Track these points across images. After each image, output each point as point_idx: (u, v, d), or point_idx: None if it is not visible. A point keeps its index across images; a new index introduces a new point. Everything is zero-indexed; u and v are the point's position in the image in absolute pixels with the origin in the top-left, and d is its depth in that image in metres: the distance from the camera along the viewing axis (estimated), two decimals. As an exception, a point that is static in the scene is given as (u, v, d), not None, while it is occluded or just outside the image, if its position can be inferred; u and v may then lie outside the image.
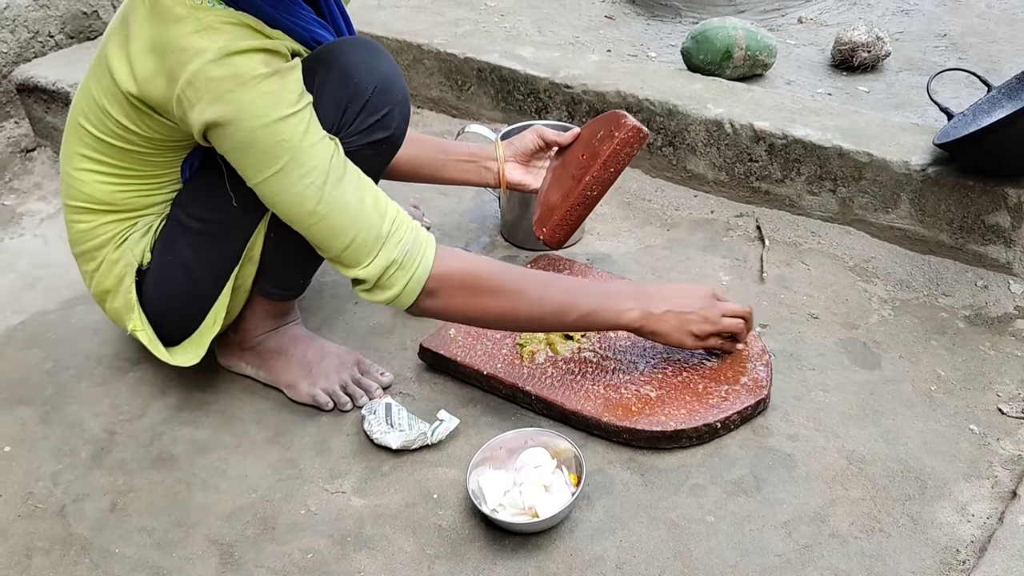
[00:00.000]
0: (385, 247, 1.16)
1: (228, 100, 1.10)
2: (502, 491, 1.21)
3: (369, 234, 1.16)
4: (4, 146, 2.24)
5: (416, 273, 1.18)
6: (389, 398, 1.38)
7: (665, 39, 2.30)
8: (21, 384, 1.49)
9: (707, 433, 1.29)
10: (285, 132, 1.11)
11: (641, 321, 1.28)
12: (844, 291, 1.60)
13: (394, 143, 1.27)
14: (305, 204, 1.14)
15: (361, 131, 1.22)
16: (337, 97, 1.20)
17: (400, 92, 1.25)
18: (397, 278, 1.17)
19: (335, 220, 1.15)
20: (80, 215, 1.33)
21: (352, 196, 1.16)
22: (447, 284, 1.20)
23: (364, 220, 1.16)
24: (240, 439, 1.37)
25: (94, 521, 1.25)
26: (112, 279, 1.35)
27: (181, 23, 1.10)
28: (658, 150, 1.92)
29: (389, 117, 1.23)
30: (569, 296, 1.26)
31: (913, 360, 1.45)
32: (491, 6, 2.51)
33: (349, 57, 1.21)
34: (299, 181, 1.13)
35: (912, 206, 1.64)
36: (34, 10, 2.33)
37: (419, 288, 1.19)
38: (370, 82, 1.21)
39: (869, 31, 2.03)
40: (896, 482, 1.24)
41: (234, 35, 1.11)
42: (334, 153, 1.16)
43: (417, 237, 1.19)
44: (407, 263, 1.17)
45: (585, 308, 1.26)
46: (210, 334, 1.34)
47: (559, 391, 1.34)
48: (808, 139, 1.71)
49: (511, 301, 1.23)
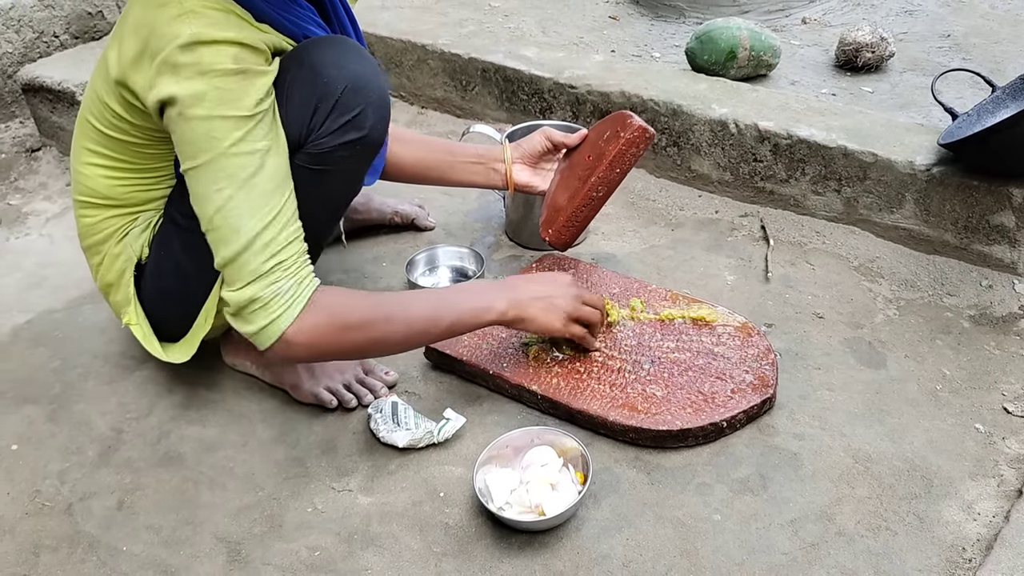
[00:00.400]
0: (255, 283, 1.12)
1: (184, 83, 1.08)
2: (509, 489, 1.21)
3: (246, 265, 1.12)
4: (9, 146, 2.24)
5: (278, 319, 1.13)
6: (395, 397, 1.38)
7: (669, 39, 2.31)
8: (28, 383, 1.49)
9: (713, 432, 1.29)
10: (219, 131, 1.09)
11: (510, 311, 1.28)
12: (849, 291, 1.60)
13: (369, 144, 1.24)
14: (207, 207, 1.12)
15: (332, 132, 1.20)
16: (306, 96, 1.18)
17: (375, 91, 1.21)
18: (257, 316, 1.13)
19: (223, 235, 1.12)
20: (86, 209, 1.35)
21: (250, 222, 1.11)
22: (309, 334, 1.15)
23: (248, 249, 1.11)
24: (247, 437, 1.37)
25: (101, 519, 1.25)
26: (114, 273, 1.36)
27: (165, 7, 1.10)
28: (662, 150, 1.93)
29: (362, 117, 1.20)
30: (436, 309, 1.25)
31: (918, 359, 1.45)
32: (495, 7, 2.52)
33: (320, 55, 1.19)
34: (211, 184, 1.11)
35: (917, 206, 1.64)
36: (39, 10, 2.33)
37: (275, 336, 1.14)
38: (340, 81, 1.18)
39: (873, 32, 2.03)
40: (902, 481, 1.24)
41: (212, 22, 1.09)
42: (260, 172, 1.11)
43: (298, 285, 1.15)
44: (273, 306, 1.13)
45: (452, 316, 1.25)
46: (201, 333, 1.34)
47: (565, 390, 1.35)
48: (813, 139, 1.71)
49: (379, 331, 1.20)
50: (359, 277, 1.70)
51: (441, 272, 1.71)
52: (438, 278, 1.70)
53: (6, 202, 2.05)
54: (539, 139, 1.59)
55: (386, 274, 1.71)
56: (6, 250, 1.87)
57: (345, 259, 1.75)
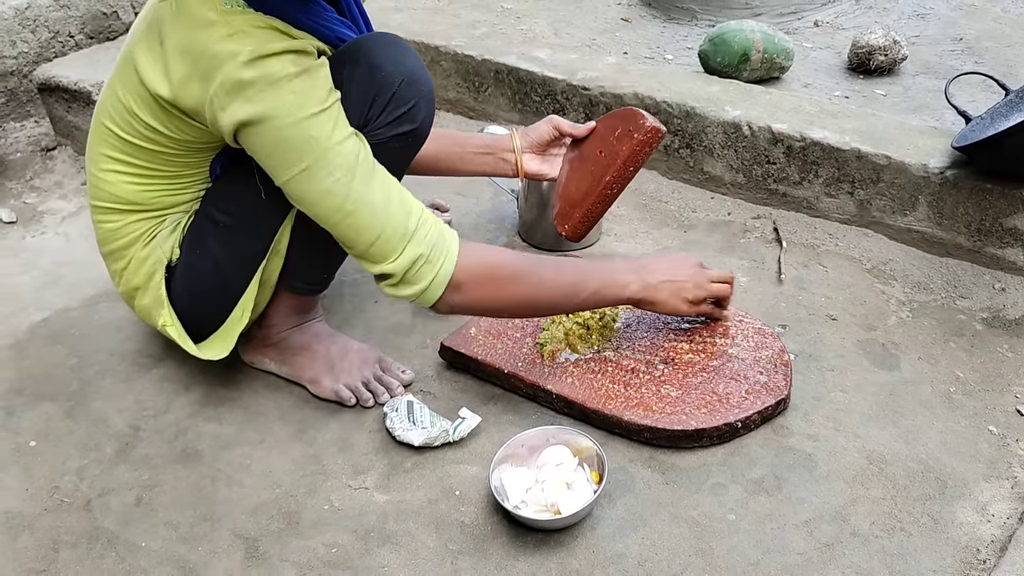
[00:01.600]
0: (412, 242, 1.18)
1: (258, 100, 1.12)
2: (524, 488, 1.22)
3: (396, 230, 1.17)
4: (25, 145, 2.26)
5: (443, 267, 1.20)
6: (411, 395, 1.39)
7: (681, 42, 2.31)
8: (45, 380, 1.51)
9: (728, 432, 1.29)
10: (314, 129, 1.13)
11: (642, 292, 1.33)
12: (862, 293, 1.61)
13: (419, 136, 1.29)
14: (332, 200, 1.16)
15: (388, 123, 1.24)
16: (365, 90, 1.22)
17: (426, 85, 1.27)
18: (424, 272, 1.19)
19: (362, 217, 1.17)
20: (107, 215, 1.35)
21: (379, 194, 1.17)
22: (473, 277, 1.22)
23: (390, 217, 1.17)
24: (264, 435, 1.38)
25: (120, 515, 1.26)
26: (141, 276, 1.37)
27: (213, 27, 1.12)
28: (675, 152, 1.93)
29: (415, 110, 1.25)
30: (579, 276, 1.30)
31: (932, 362, 1.45)
32: (507, 8, 2.52)
33: (376, 51, 1.24)
34: (326, 178, 1.15)
35: (930, 209, 1.65)
36: (55, 10, 2.35)
37: (445, 282, 1.20)
38: (397, 75, 1.23)
39: (886, 35, 2.04)
40: (916, 482, 1.25)
41: (263, 38, 1.13)
42: (360, 151, 1.18)
43: (442, 233, 1.21)
44: (434, 258, 1.19)
45: (593, 286, 1.30)
46: (238, 328, 1.36)
47: (580, 390, 1.35)
48: (826, 141, 1.72)
49: (531, 286, 1.26)
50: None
51: None
52: None
53: (22, 201, 2.06)
54: (546, 127, 1.61)
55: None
56: (22, 248, 1.89)
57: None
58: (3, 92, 2.30)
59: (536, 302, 1.29)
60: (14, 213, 2.00)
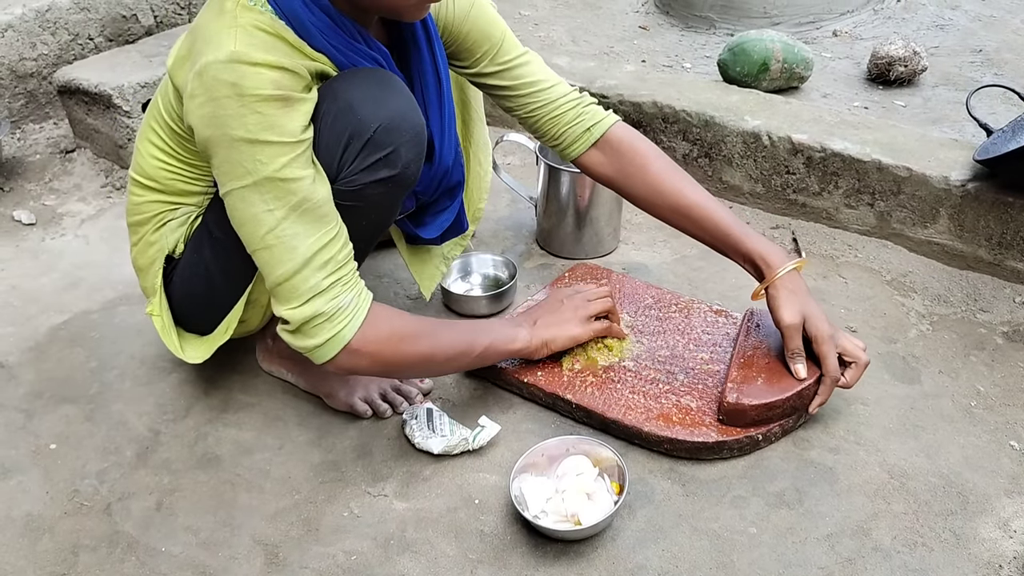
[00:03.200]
0: (318, 298, 1.12)
1: (221, 104, 1.07)
2: (544, 498, 1.21)
3: (306, 281, 1.12)
4: (44, 146, 2.27)
5: (342, 330, 1.14)
6: (430, 403, 1.39)
7: (700, 50, 2.31)
8: (66, 382, 1.51)
9: (748, 445, 1.29)
10: (265, 155, 1.08)
11: (530, 338, 1.36)
12: (882, 305, 1.60)
13: (402, 181, 1.20)
14: (258, 229, 1.11)
15: (363, 169, 1.16)
16: (339, 132, 1.14)
17: (409, 130, 1.17)
18: (321, 330, 1.13)
19: (278, 254, 1.11)
20: (136, 187, 1.35)
21: (306, 242, 1.11)
22: (371, 342, 1.17)
23: (306, 266, 1.11)
24: (283, 441, 1.38)
25: (140, 520, 1.27)
26: (146, 259, 1.37)
27: (222, 16, 1.10)
28: (694, 161, 1.93)
29: (395, 156, 1.16)
30: (473, 335, 1.31)
31: (952, 375, 1.45)
32: (525, 15, 2.53)
33: (355, 91, 1.15)
34: (260, 205, 1.10)
35: (951, 221, 1.64)
36: (75, 12, 2.36)
37: (341, 345, 1.14)
38: (374, 120, 1.14)
39: (906, 45, 2.04)
40: (938, 497, 1.24)
41: (259, 43, 1.08)
42: (311, 195, 1.11)
43: (356, 297, 1.15)
44: (336, 318, 1.13)
45: (485, 342, 1.31)
46: (220, 340, 1.35)
47: (599, 400, 1.35)
48: (847, 152, 1.72)
49: (427, 349, 1.24)
50: (391, 283, 1.72)
51: (474, 279, 1.72)
52: (470, 285, 1.71)
53: (41, 203, 2.07)
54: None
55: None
56: (42, 250, 1.90)
57: (378, 265, 1.76)
58: (23, 94, 2.31)
59: (432, 362, 1.27)
60: (33, 215, 2.00)
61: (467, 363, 1.33)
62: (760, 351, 1.36)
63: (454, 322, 1.44)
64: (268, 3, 1.12)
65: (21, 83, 2.30)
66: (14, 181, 2.13)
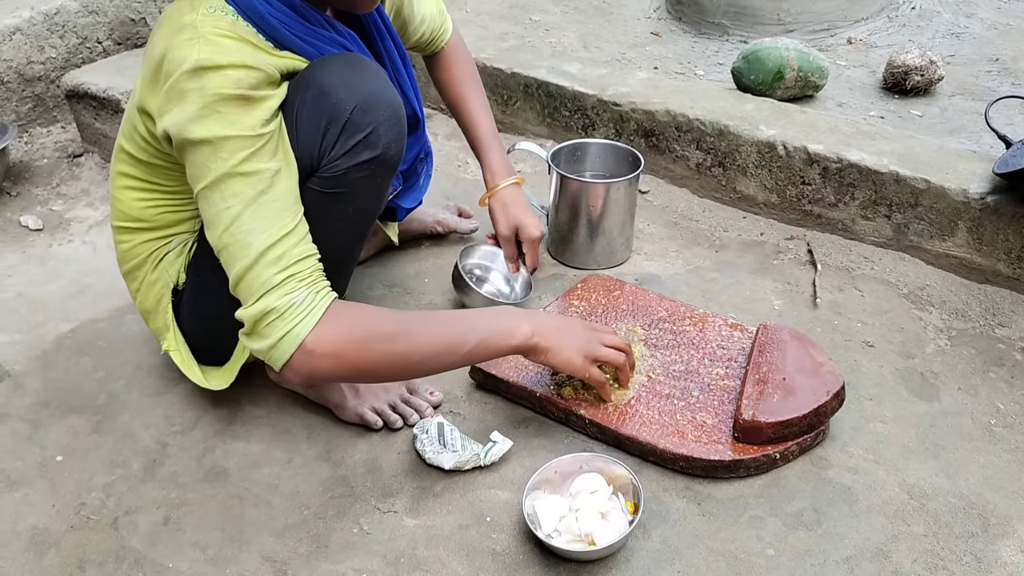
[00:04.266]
0: (269, 294, 1.08)
1: (185, 108, 1.07)
2: (558, 516, 1.19)
3: (258, 277, 1.08)
4: (51, 151, 2.26)
5: (296, 328, 1.08)
6: (441, 417, 1.37)
7: (712, 57, 2.29)
8: (72, 392, 1.49)
9: (765, 463, 1.27)
10: (224, 151, 1.07)
11: (535, 336, 1.22)
12: (899, 319, 1.58)
13: (384, 162, 1.19)
14: (217, 227, 1.10)
15: (344, 153, 1.16)
16: (315, 119, 1.14)
17: (385, 108, 1.16)
18: (273, 328, 1.08)
19: (233, 252, 1.09)
20: (122, 235, 1.35)
21: (260, 236, 1.08)
22: (330, 340, 1.09)
23: (259, 262, 1.08)
24: (292, 454, 1.36)
25: (147, 534, 1.25)
26: (151, 300, 1.37)
27: (182, 31, 1.09)
28: (707, 170, 1.91)
29: (374, 136, 1.16)
30: (462, 328, 1.20)
31: (971, 392, 1.43)
32: (536, 20, 2.51)
33: (327, 76, 1.15)
34: (220, 203, 1.09)
35: (969, 234, 1.62)
36: (83, 16, 2.35)
37: (295, 344, 1.08)
38: (349, 101, 1.14)
39: (922, 55, 2.01)
40: (958, 518, 1.22)
41: (221, 49, 1.07)
42: (270, 188, 1.09)
43: (313, 294, 1.10)
44: (288, 315, 1.08)
45: (478, 336, 1.19)
46: (240, 359, 1.34)
47: (613, 415, 1.33)
48: (864, 164, 1.69)
49: (402, 346, 1.14)
50: (401, 292, 1.70)
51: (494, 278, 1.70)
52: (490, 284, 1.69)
53: (48, 208, 2.05)
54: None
55: (428, 290, 1.70)
56: (48, 256, 1.88)
57: (388, 274, 1.74)
58: (30, 97, 2.30)
59: (409, 362, 1.16)
60: (40, 220, 1.99)
61: (454, 361, 1.20)
62: (775, 367, 1.33)
63: (438, 314, 1.28)
64: (228, 4, 1.12)
65: (29, 86, 2.29)
66: (21, 185, 2.12)
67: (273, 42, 1.15)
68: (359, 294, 1.67)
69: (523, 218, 1.60)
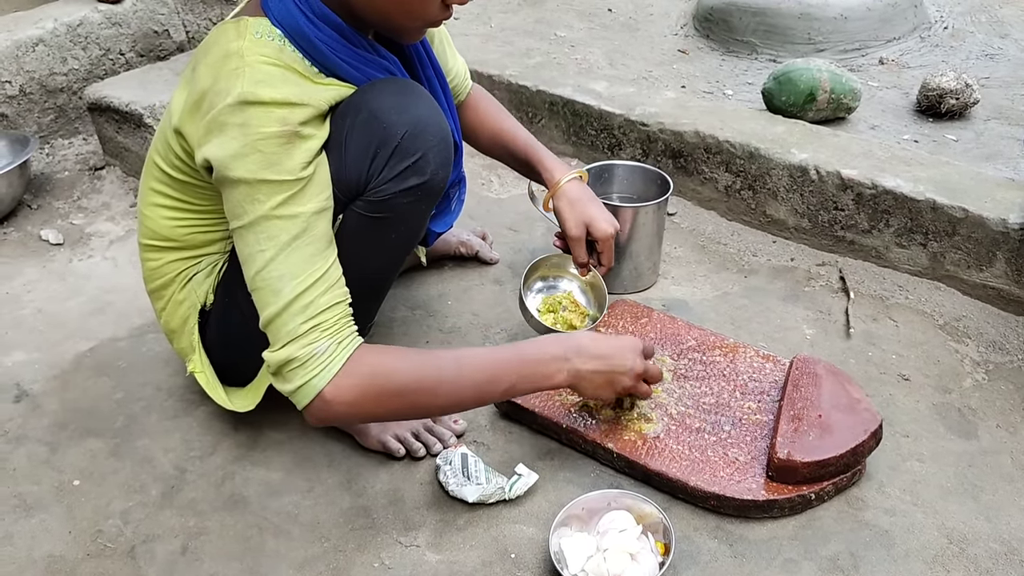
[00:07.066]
0: (293, 343, 1.09)
1: (225, 144, 1.07)
2: (585, 556, 1.16)
3: (284, 325, 1.09)
4: (73, 163, 2.24)
5: (315, 378, 1.09)
6: (464, 448, 1.34)
7: (741, 76, 2.25)
8: (91, 414, 1.47)
9: (800, 504, 1.23)
10: (262, 193, 1.07)
11: (571, 380, 1.21)
12: (935, 351, 1.54)
13: (431, 188, 1.18)
14: (250, 268, 1.10)
15: (392, 178, 1.15)
16: (365, 143, 1.14)
17: (435, 135, 1.16)
18: (295, 375, 1.09)
19: (263, 297, 1.10)
20: (150, 252, 1.34)
21: (289, 285, 1.08)
22: (349, 392, 1.10)
23: (287, 311, 1.08)
24: (312, 483, 1.33)
25: (165, 564, 1.22)
26: (177, 320, 1.35)
27: (228, 59, 1.08)
28: (736, 193, 1.87)
29: (423, 162, 1.15)
30: (492, 372, 1.18)
31: (1011, 430, 1.38)
32: (561, 36, 2.48)
33: (378, 100, 1.14)
34: (254, 244, 1.09)
35: (1008, 265, 1.58)
36: (106, 28, 2.34)
37: (313, 394, 1.09)
38: (400, 126, 1.13)
39: (957, 77, 1.97)
40: (1000, 565, 1.17)
41: (267, 79, 1.07)
42: (305, 232, 1.09)
43: (336, 344, 1.10)
44: (310, 364, 1.09)
45: (509, 381, 1.18)
46: (266, 382, 1.31)
47: (642, 449, 1.30)
48: (899, 190, 1.65)
49: (425, 396, 1.14)
50: (424, 315, 1.67)
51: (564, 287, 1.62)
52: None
53: (69, 221, 2.04)
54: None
55: (452, 312, 1.67)
56: (68, 272, 1.86)
57: (411, 295, 1.71)
58: (52, 109, 2.29)
59: (430, 411, 1.20)
60: (61, 234, 1.97)
61: (478, 406, 1.23)
62: (811, 403, 1.30)
63: (469, 358, 1.20)
64: (274, 27, 1.11)
65: (51, 98, 2.28)
66: (42, 198, 2.11)
67: (319, 67, 1.14)
68: (381, 315, 1.64)
69: (593, 213, 1.49)
